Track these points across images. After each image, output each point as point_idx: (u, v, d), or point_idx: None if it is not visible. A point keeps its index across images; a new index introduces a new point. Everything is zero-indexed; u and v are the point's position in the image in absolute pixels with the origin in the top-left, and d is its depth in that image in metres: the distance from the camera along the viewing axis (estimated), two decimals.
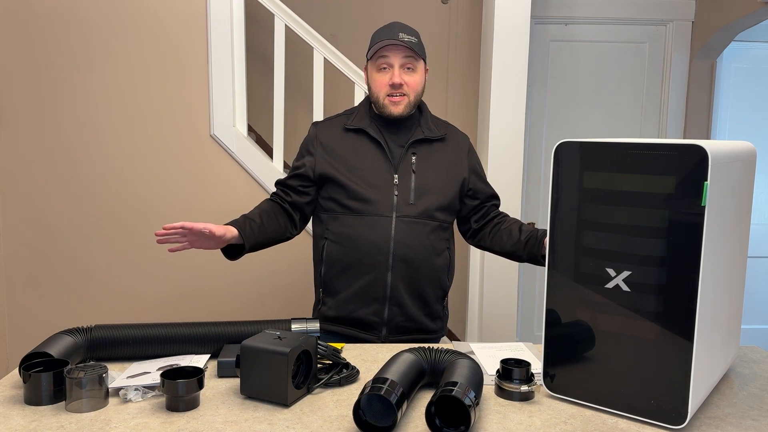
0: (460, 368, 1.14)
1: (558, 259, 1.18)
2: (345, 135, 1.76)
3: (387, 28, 1.72)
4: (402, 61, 1.69)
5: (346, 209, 1.70)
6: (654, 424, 1.10)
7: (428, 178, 1.72)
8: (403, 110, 1.71)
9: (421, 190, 1.71)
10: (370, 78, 1.76)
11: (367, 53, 1.76)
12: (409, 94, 1.71)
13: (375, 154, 1.72)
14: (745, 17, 2.95)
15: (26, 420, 1.09)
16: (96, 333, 1.35)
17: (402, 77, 1.69)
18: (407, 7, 3.37)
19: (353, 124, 1.76)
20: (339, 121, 1.80)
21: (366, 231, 1.68)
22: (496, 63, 2.73)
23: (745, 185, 1.24)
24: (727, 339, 1.27)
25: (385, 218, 1.68)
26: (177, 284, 2.76)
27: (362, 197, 1.69)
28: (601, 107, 3.48)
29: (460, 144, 1.82)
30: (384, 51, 1.69)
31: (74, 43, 2.63)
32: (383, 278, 1.67)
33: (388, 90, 1.69)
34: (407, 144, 1.73)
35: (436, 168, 1.75)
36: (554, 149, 1.17)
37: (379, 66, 1.71)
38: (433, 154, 1.76)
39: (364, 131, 1.74)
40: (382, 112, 1.73)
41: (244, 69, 2.70)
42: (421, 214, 1.70)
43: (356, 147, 1.74)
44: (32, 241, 2.71)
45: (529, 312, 3.58)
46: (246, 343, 1.18)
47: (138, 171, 2.70)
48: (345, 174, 1.71)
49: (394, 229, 1.68)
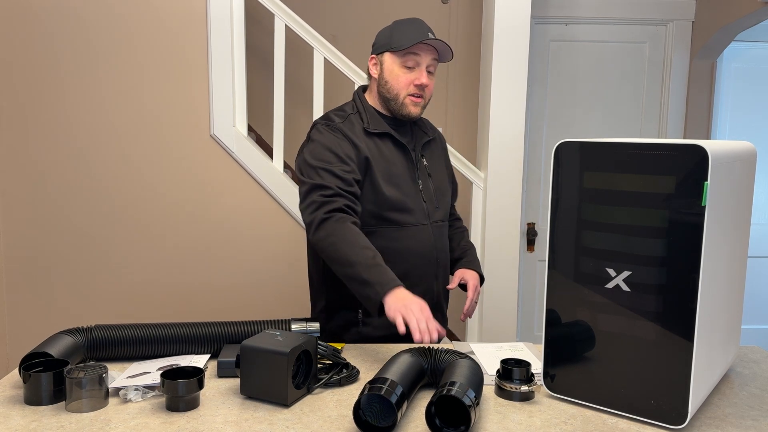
0: (460, 368, 1.14)
1: (558, 259, 1.18)
2: (367, 139, 1.63)
3: (416, 24, 1.63)
4: (429, 63, 1.63)
5: (384, 221, 1.60)
6: (654, 424, 1.10)
7: (439, 181, 1.74)
8: (420, 112, 1.67)
9: (438, 193, 1.72)
10: (389, 72, 1.63)
11: (387, 45, 1.63)
12: (427, 97, 1.66)
13: (402, 160, 1.65)
14: (745, 17, 2.95)
15: (26, 420, 1.09)
16: (96, 333, 1.35)
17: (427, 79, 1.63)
18: (407, 7, 3.37)
19: (374, 127, 1.64)
20: (351, 122, 1.65)
21: (412, 242, 1.62)
22: (496, 63, 2.73)
23: (745, 185, 1.24)
24: (727, 339, 1.27)
25: (423, 226, 1.65)
26: (177, 284, 2.76)
27: (403, 207, 1.62)
28: (601, 107, 3.48)
29: (442, 140, 1.85)
30: (416, 48, 1.60)
31: (74, 44, 2.63)
32: (431, 288, 1.66)
33: (412, 89, 1.62)
34: (420, 147, 1.71)
35: (439, 169, 1.76)
36: (554, 149, 1.17)
37: (405, 62, 1.61)
38: (434, 155, 1.76)
39: (389, 135, 1.65)
40: (399, 110, 1.64)
41: (244, 69, 2.70)
42: (444, 217, 1.73)
43: (384, 152, 1.63)
44: (32, 241, 2.71)
45: (529, 312, 3.58)
46: (246, 343, 1.18)
47: (138, 171, 2.70)
48: (383, 182, 1.60)
49: (432, 236, 1.67)
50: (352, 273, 1.42)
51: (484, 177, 2.81)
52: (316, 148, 1.58)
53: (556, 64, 3.44)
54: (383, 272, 1.40)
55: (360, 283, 1.41)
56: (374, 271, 1.40)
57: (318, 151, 1.57)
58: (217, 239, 2.75)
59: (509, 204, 2.77)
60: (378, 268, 1.40)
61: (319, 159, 1.55)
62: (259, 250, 2.77)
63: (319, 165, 1.54)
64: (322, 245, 1.48)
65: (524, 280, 3.52)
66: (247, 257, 2.77)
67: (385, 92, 1.65)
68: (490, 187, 2.77)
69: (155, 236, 2.73)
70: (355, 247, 1.43)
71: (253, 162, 2.71)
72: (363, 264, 1.40)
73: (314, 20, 3.25)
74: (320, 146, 1.57)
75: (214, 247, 2.75)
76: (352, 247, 1.43)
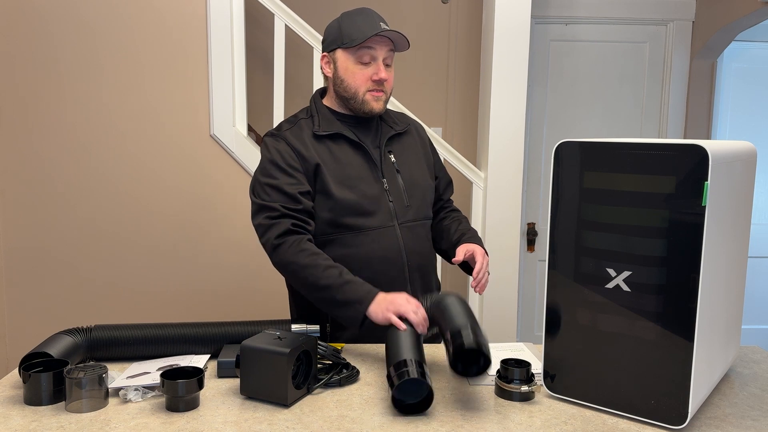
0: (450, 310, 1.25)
1: (558, 259, 1.18)
2: (319, 144, 1.55)
3: (365, 14, 1.55)
4: (385, 55, 1.55)
5: (342, 228, 1.52)
6: (654, 424, 1.10)
7: (412, 175, 1.62)
8: (383, 107, 1.58)
9: (411, 190, 1.60)
10: (343, 70, 1.55)
11: (339, 41, 1.55)
12: (387, 91, 1.58)
13: (359, 160, 1.56)
14: (745, 17, 2.95)
15: (26, 420, 1.09)
16: (96, 333, 1.35)
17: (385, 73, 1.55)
18: (407, 7, 3.37)
19: (325, 129, 1.56)
20: (301, 127, 1.58)
21: (374, 247, 1.52)
22: (496, 63, 2.73)
23: (745, 185, 1.24)
24: (728, 339, 1.27)
25: (389, 228, 1.55)
26: (177, 284, 2.76)
27: (361, 210, 1.52)
28: (601, 107, 3.48)
29: (420, 132, 1.73)
30: (370, 42, 1.51)
31: (74, 43, 2.63)
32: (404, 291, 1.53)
33: (370, 85, 1.54)
34: (383, 143, 1.60)
35: (414, 163, 1.64)
36: (554, 149, 1.17)
37: (360, 58, 1.53)
38: (406, 149, 1.65)
39: (342, 135, 1.56)
40: (360, 108, 1.56)
41: (244, 69, 2.70)
42: (418, 214, 1.61)
43: (336, 155, 1.54)
44: (32, 241, 2.71)
45: (529, 312, 3.58)
46: (246, 344, 1.18)
47: (138, 171, 2.70)
48: (337, 188, 1.51)
49: (401, 237, 1.56)
50: (326, 296, 1.42)
51: (484, 177, 2.81)
52: (262, 163, 1.56)
53: (556, 64, 3.44)
54: (356, 288, 1.39)
55: (336, 305, 1.41)
56: (347, 289, 1.39)
57: (264, 166, 1.55)
58: (217, 239, 2.74)
59: (509, 204, 2.76)
60: (349, 285, 1.39)
61: (265, 175, 1.53)
62: (259, 249, 2.75)
63: (265, 181, 1.52)
64: (284, 272, 1.50)
65: (524, 280, 3.52)
66: (247, 257, 2.76)
67: (342, 91, 1.56)
68: (490, 187, 2.77)
69: (155, 236, 2.73)
70: (318, 270, 1.41)
71: (253, 162, 2.71)
72: (334, 287, 1.39)
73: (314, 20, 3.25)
74: (266, 161, 1.55)
75: (214, 246, 2.75)
76: (316, 270, 1.41)
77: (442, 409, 1.16)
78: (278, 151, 1.54)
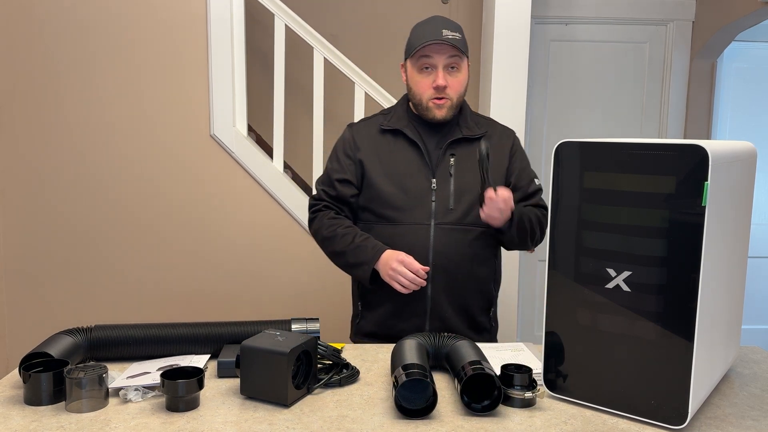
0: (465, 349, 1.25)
1: (558, 259, 1.18)
2: (381, 137, 1.66)
3: (429, 23, 1.60)
4: (446, 62, 1.57)
5: (381, 218, 1.62)
6: (654, 424, 1.10)
7: (468, 181, 1.60)
8: (447, 113, 1.60)
9: (461, 194, 1.60)
10: (410, 78, 1.63)
11: (407, 50, 1.62)
12: (452, 96, 1.59)
13: (411, 157, 1.62)
14: (745, 17, 2.95)
15: (26, 420, 1.09)
16: (96, 333, 1.35)
17: (446, 79, 1.57)
18: (407, 7, 3.37)
19: (390, 124, 1.66)
20: (375, 121, 1.70)
21: (401, 241, 1.58)
22: (496, 63, 2.73)
23: (745, 185, 1.24)
24: (728, 339, 1.27)
25: (422, 226, 1.59)
26: (177, 284, 2.76)
27: (396, 205, 1.60)
28: (601, 107, 3.48)
29: (503, 140, 1.70)
30: (426, 50, 1.56)
31: (74, 43, 2.63)
32: (423, 291, 1.57)
33: (432, 93, 1.58)
34: (445, 145, 1.62)
35: (472, 169, 1.61)
36: (554, 149, 1.17)
37: (421, 66, 1.58)
38: (472, 155, 1.62)
39: (402, 132, 1.64)
40: (425, 115, 1.62)
41: (244, 69, 2.70)
42: (462, 220, 1.60)
43: (392, 149, 1.64)
44: (32, 241, 2.71)
45: (529, 312, 3.58)
46: (246, 344, 1.18)
47: (138, 171, 2.70)
48: (382, 180, 1.61)
49: (432, 237, 1.58)
50: (342, 261, 1.63)
51: None
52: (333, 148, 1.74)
53: (556, 64, 3.44)
54: (363, 251, 1.57)
55: (351, 267, 1.61)
56: (357, 252, 1.58)
57: (332, 152, 1.74)
58: (217, 239, 2.75)
59: None
60: (359, 249, 1.58)
61: (328, 160, 1.74)
62: (258, 249, 2.77)
63: (326, 167, 1.74)
64: (319, 244, 1.69)
65: (524, 280, 3.52)
66: (247, 257, 2.77)
67: (411, 98, 1.65)
68: None
69: (155, 236, 2.73)
70: (336, 238, 1.61)
71: (253, 162, 2.71)
72: (348, 252, 1.59)
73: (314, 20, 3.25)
74: (334, 148, 1.73)
75: (214, 246, 2.75)
76: (334, 239, 1.62)
77: (442, 409, 1.16)
78: (342, 139, 1.72)
